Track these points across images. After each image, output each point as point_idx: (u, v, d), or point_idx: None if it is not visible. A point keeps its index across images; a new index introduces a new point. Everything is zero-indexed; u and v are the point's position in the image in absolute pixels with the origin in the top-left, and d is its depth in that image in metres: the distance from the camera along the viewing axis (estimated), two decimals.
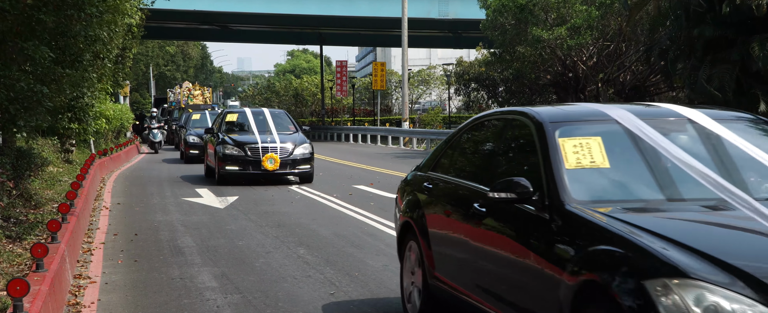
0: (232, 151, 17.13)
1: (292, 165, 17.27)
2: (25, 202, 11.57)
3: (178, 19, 47.03)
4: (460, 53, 61.86)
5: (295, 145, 17.45)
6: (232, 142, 17.30)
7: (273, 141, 17.29)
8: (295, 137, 17.86)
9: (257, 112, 18.75)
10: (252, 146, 17.17)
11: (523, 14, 28.21)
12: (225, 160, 17.12)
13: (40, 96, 9.47)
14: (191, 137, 23.59)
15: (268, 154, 16.94)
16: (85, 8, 9.88)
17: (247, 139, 17.42)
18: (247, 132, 17.96)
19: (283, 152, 17.20)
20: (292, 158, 17.31)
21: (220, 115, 19.49)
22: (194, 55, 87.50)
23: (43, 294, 5.74)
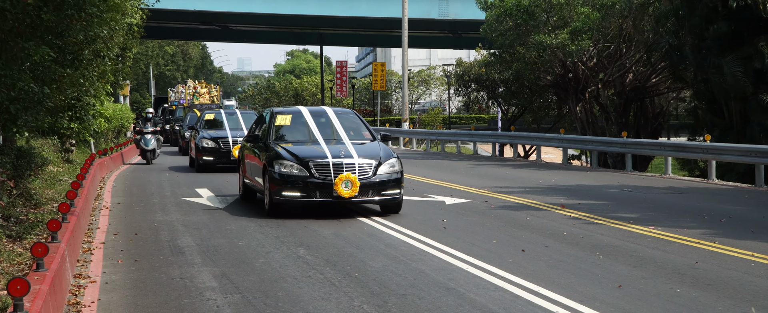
0: (292, 171, 12.08)
1: (376, 190, 12.23)
2: (25, 201, 11.58)
3: (178, 18, 47.03)
4: (460, 54, 61.83)
5: (379, 162, 12.39)
6: (292, 158, 12.23)
7: (348, 155, 12.28)
8: (375, 149, 12.81)
9: (318, 113, 13.83)
10: (319, 162, 12.15)
11: (524, 18, 28.20)
12: (282, 182, 12.07)
13: (41, 96, 9.48)
14: (205, 141, 21.29)
15: (342, 175, 11.95)
16: (86, 8, 9.89)
17: (312, 153, 12.38)
18: (308, 142, 13.03)
19: (363, 172, 12.22)
20: (375, 179, 12.24)
21: (264, 116, 14.28)
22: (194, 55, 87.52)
23: (43, 294, 5.74)
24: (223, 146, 20.88)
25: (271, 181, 12.13)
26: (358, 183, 11.90)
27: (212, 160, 21.00)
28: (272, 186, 12.11)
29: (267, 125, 13.52)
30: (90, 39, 10.63)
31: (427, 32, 52.55)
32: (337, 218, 12.14)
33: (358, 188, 11.89)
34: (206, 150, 21.08)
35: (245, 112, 23.52)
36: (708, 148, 19.14)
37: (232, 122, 22.17)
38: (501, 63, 32.80)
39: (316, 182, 11.97)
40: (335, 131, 13.30)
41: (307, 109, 13.86)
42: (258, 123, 14.44)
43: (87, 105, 14.45)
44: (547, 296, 7.15)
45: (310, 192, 11.98)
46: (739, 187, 17.52)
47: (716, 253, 9.17)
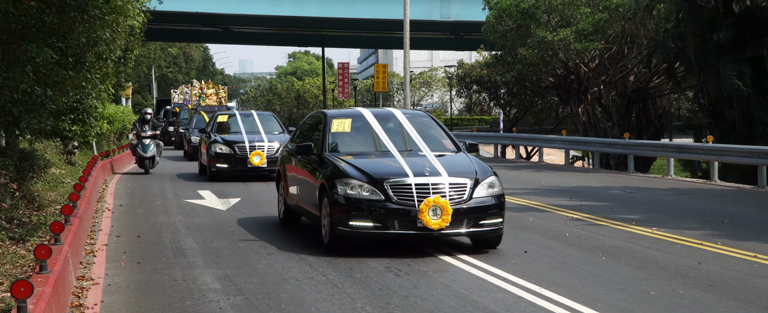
0: (362, 194, 9.09)
1: (472, 219, 9.21)
2: (28, 203, 11.59)
3: (180, 21, 47.09)
4: (462, 55, 61.85)
5: (475, 181, 9.37)
6: (361, 176, 9.20)
7: (434, 172, 9.27)
8: (466, 163, 9.81)
9: (384, 116, 10.83)
10: (398, 182, 9.15)
11: (525, 18, 28.20)
12: (349, 209, 9.10)
13: (44, 98, 9.49)
14: (219, 147, 18.80)
15: (428, 200, 8.96)
16: (89, 10, 9.91)
17: (386, 170, 9.39)
18: (375, 154, 10.10)
19: (456, 195, 9.18)
20: (472, 205, 9.22)
21: (315, 120, 11.21)
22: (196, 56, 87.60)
23: (46, 296, 5.75)
24: (239, 152, 18.61)
25: (334, 206, 9.13)
26: (451, 210, 8.90)
27: (227, 167, 18.60)
28: (335, 213, 9.12)
29: (321, 132, 10.42)
30: (92, 41, 10.65)
31: (428, 34, 52.56)
32: None
33: (450, 217, 8.89)
34: (220, 156, 18.63)
35: (263, 114, 21.35)
36: (710, 149, 19.13)
37: (249, 125, 19.86)
38: (503, 64, 32.80)
39: (394, 209, 8.95)
40: (409, 140, 10.29)
41: (370, 111, 10.86)
42: (308, 129, 11.30)
43: (89, 107, 14.47)
44: (550, 298, 7.15)
45: (387, 222, 8.97)
46: (742, 188, 17.51)
47: (719, 254, 9.17)
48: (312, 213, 10.09)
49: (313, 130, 11.02)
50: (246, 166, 18.48)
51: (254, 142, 18.73)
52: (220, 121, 20.67)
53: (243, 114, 20.92)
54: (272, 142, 18.81)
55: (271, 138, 19.05)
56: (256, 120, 20.10)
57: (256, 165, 18.36)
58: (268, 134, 19.30)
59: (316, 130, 10.79)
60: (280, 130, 20.21)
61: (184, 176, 20.58)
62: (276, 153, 18.21)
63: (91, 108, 14.66)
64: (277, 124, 20.64)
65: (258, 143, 18.68)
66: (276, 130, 20.11)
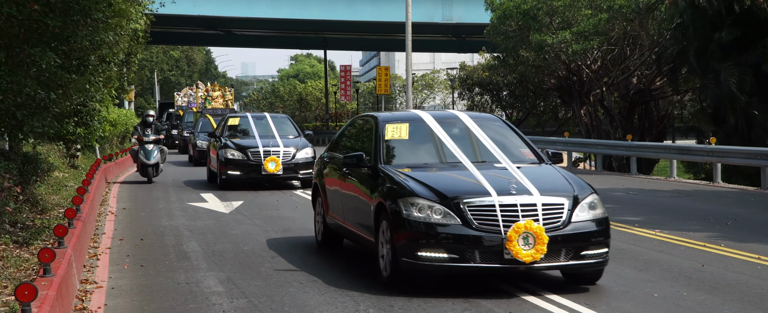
0: (433, 217, 7.38)
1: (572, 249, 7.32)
2: (31, 207, 11.61)
3: (182, 24, 47.10)
4: (464, 57, 61.86)
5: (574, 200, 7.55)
6: (429, 194, 7.50)
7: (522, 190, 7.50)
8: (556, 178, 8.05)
9: (447, 120, 9.10)
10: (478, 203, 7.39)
11: (526, 20, 28.22)
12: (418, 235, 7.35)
13: (47, 102, 9.51)
14: (231, 152, 17.40)
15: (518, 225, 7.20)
16: (92, 13, 9.93)
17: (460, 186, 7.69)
18: (440, 166, 8.46)
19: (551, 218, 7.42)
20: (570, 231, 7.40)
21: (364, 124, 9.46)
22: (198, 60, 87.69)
23: (50, 299, 5.76)
24: (252, 158, 17.16)
25: (397, 230, 7.34)
26: (546, 238, 7.07)
27: (239, 174, 17.14)
28: (399, 240, 7.33)
29: (373, 140, 8.63)
30: (96, 45, 10.67)
31: (430, 36, 52.56)
32: None
33: (546, 246, 7.06)
34: (232, 163, 17.14)
35: (277, 117, 19.55)
36: (713, 150, 19.13)
37: (262, 129, 18.40)
38: (505, 66, 32.82)
39: (475, 237, 7.14)
40: (481, 148, 8.50)
41: (429, 114, 8.98)
42: (353, 137, 9.55)
43: (93, 110, 14.49)
44: (554, 300, 7.14)
45: (466, 253, 7.13)
46: (745, 190, 17.49)
47: (722, 256, 9.16)
48: (363, 238, 8.33)
49: (360, 138, 9.24)
50: (260, 173, 17.12)
51: (269, 147, 17.28)
52: (231, 125, 18.98)
53: (255, 117, 19.27)
54: (288, 147, 17.47)
55: (287, 143, 17.71)
56: (270, 123, 18.61)
57: (270, 172, 17.03)
58: (284, 138, 17.97)
59: (364, 138, 9.01)
60: (296, 134, 18.76)
61: (188, 180, 20.56)
62: (292, 159, 17.26)
63: (95, 111, 14.68)
64: (292, 127, 19.14)
65: (273, 148, 17.26)
66: (291, 134, 18.65)
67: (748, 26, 20.72)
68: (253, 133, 18.14)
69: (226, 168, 17.23)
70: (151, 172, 18.81)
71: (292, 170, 17.27)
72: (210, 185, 18.67)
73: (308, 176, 16.91)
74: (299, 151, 17.47)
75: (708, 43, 21.69)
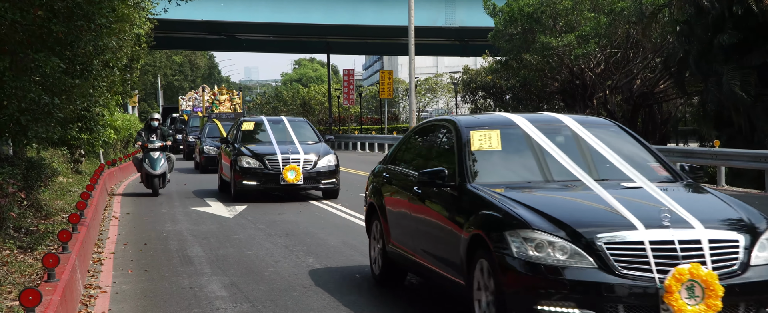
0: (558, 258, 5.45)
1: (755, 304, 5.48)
2: (35, 212, 11.63)
3: (185, 29, 47.22)
4: (467, 61, 61.90)
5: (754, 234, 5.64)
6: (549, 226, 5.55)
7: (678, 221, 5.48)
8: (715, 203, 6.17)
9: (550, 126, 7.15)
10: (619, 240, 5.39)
11: (530, 23, 28.24)
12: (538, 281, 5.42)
13: (51, 107, 9.53)
14: (246, 160, 15.91)
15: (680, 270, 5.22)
16: (95, 19, 9.96)
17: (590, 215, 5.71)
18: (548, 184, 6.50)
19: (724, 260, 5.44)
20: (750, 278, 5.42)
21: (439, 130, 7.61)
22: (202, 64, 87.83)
23: (55, 304, 5.77)
24: (270, 167, 15.70)
25: (504, 274, 5.47)
26: (721, 289, 5.16)
27: (256, 185, 15.68)
28: (509, 286, 5.45)
29: (455, 151, 6.78)
30: (99, 50, 10.69)
31: (433, 40, 52.60)
32: (346, 227, 12.15)
33: (721, 301, 5.16)
34: (247, 172, 15.67)
35: (295, 121, 18.06)
36: (717, 154, 19.11)
37: (279, 134, 16.95)
38: (508, 70, 32.84)
39: (620, 286, 5.21)
40: (600, 162, 6.59)
41: (526, 117, 7.09)
42: (426, 146, 7.74)
43: (96, 115, 14.52)
44: None
45: (606, 308, 5.21)
46: (749, 193, 17.46)
47: None
48: (445, 278, 6.41)
49: (435, 148, 7.49)
50: (278, 183, 15.59)
51: (288, 154, 15.81)
52: (245, 130, 17.40)
53: (272, 121, 17.66)
54: (309, 154, 16.01)
55: (307, 149, 16.26)
56: (288, 128, 17.16)
57: (290, 182, 15.54)
58: (303, 144, 16.53)
59: (442, 148, 7.24)
60: (316, 140, 17.31)
61: (196, 189, 20.54)
62: (313, 167, 15.83)
63: (98, 116, 14.70)
64: (312, 132, 17.70)
65: (292, 156, 15.81)
66: (311, 140, 17.25)
67: (750, 29, 20.72)
68: (270, 139, 16.60)
69: (241, 177, 15.75)
70: (157, 183, 16.94)
71: (314, 179, 15.81)
72: (215, 190, 18.66)
73: (331, 186, 15.85)
74: (321, 159, 16.04)
75: (710, 47, 21.69)
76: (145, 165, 16.84)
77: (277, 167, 15.68)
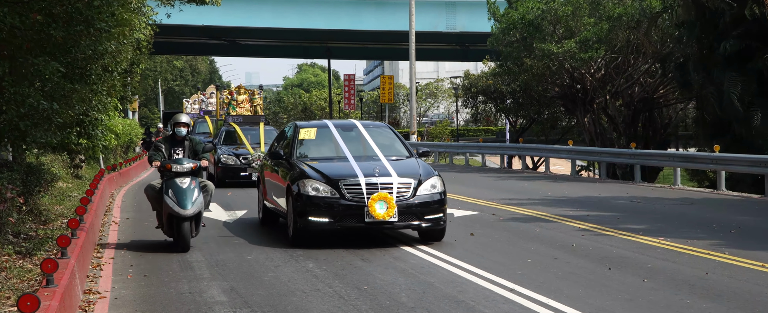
0: None
1: None
2: (35, 217, 11.62)
3: (186, 34, 47.24)
4: (468, 66, 61.94)
5: None
6: None
7: None
8: None
9: None
10: None
11: (530, 31, 28.25)
12: None
13: (50, 112, 9.53)
14: (312, 185, 10.66)
15: None
16: (95, 23, 9.95)
17: None
18: None
19: None
20: None
21: None
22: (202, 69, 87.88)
23: (53, 310, 5.76)
24: (349, 196, 10.49)
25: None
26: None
27: (327, 222, 10.50)
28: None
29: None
30: (99, 54, 10.69)
31: (434, 45, 52.63)
32: (346, 231, 12.12)
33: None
34: (315, 203, 10.52)
35: (371, 126, 12.68)
36: (717, 158, 19.09)
37: (354, 145, 11.74)
38: (508, 75, 32.84)
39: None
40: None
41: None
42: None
43: (96, 120, 14.51)
44: (557, 309, 7.13)
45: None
46: (749, 198, 17.45)
47: (726, 264, 9.13)
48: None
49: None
50: (362, 220, 10.38)
51: (373, 176, 10.60)
52: (303, 139, 11.98)
53: (340, 126, 12.29)
54: (404, 176, 10.68)
55: (400, 168, 10.94)
56: (365, 136, 11.91)
57: (379, 218, 10.31)
58: (392, 161, 11.26)
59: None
60: (406, 153, 11.76)
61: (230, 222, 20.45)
62: (412, 196, 10.54)
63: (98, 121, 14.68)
64: (398, 142, 12.05)
65: (381, 179, 10.56)
66: (399, 153, 11.76)
67: (754, 36, 20.71)
68: (344, 153, 11.45)
69: (307, 211, 10.47)
70: (186, 230, 10.40)
71: (413, 214, 10.51)
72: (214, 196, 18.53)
73: (436, 224, 10.62)
74: (423, 183, 10.69)
75: (711, 52, 21.69)
76: (168, 200, 10.24)
77: (359, 195, 10.42)
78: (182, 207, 10.23)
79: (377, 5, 44.14)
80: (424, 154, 12.07)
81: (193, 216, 10.31)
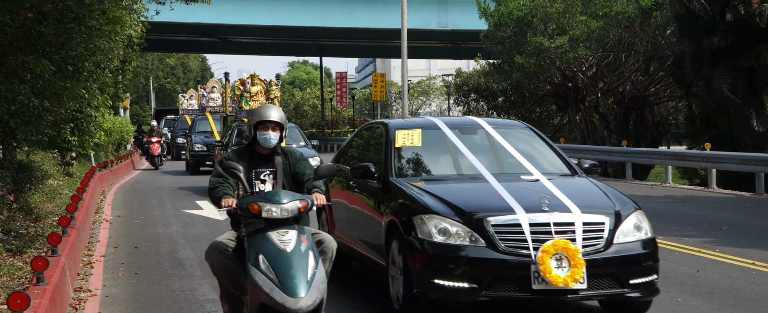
0: None
1: None
2: (25, 215, 11.58)
3: (178, 31, 47.12)
4: (460, 64, 61.98)
5: None
6: None
7: None
8: None
9: None
10: None
11: (521, 27, 28.27)
12: None
13: (41, 109, 9.49)
14: (437, 226, 6.30)
15: None
16: (86, 21, 9.91)
17: None
18: None
19: None
20: None
21: None
22: (194, 67, 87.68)
23: (43, 308, 5.74)
24: (504, 246, 6.15)
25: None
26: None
27: (468, 288, 6.12)
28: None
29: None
30: (90, 51, 10.65)
31: (426, 43, 52.65)
32: None
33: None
34: (444, 255, 6.18)
35: (502, 126, 8.20)
36: (708, 156, 19.16)
37: (486, 158, 7.52)
38: (500, 73, 32.87)
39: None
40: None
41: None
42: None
43: (88, 116, 14.46)
44: None
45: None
46: (740, 195, 17.51)
47: (717, 261, 9.16)
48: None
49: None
50: (528, 286, 6.10)
51: (539, 210, 6.31)
52: (402, 147, 7.65)
53: (455, 126, 7.98)
54: (591, 211, 6.44)
55: (577, 195, 6.66)
56: (499, 141, 7.74)
57: (558, 284, 6.05)
58: (556, 182, 6.99)
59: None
60: (569, 169, 7.61)
61: (181, 182, 20.47)
62: (606, 247, 6.31)
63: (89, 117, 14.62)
64: (550, 150, 7.87)
65: (555, 215, 6.28)
66: (556, 170, 7.59)
67: (741, 34, 20.79)
68: (475, 169, 7.29)
69: (430, 269, 6.27)
70: None
71: (611, 276, 6.34)
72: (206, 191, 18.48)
73: (648, 293, 6.49)
74: (622, 223, 6.52)
75: (700, 49, 21.77)
76: (259, 278, 5.14)
77: (520, 244, 6.22)
78: (291, 293, 5.03)
79: (369, 3, 44.12)
80: (591, 170, 7.54)
81: (313, 310, 5.12)
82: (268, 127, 5.74)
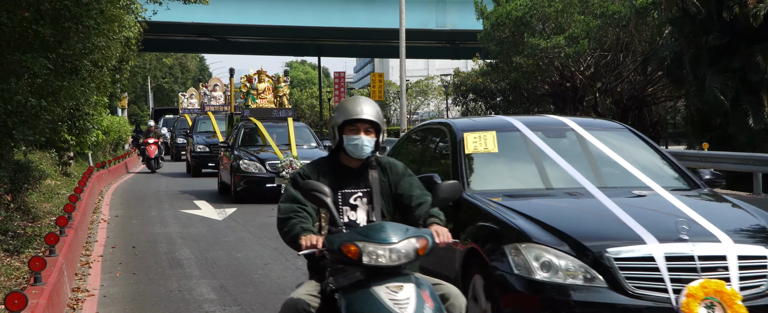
0: None
1: None
2: (23, 215, 11.56)
3: (176, 31, 47.10)
4: (458, 64, 62.01)
5: None
6: None
7: None
8: None
9: None
10: None
11: (519, 27, 28.30)
12: None
13: (38, 109, 9.48)
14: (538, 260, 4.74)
15: None
16: (83, 20, 9.89)
17: None
18: None
19: None
20: None
21: None
22: (192, 67, 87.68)
23: (41, 308, 5.72)
24: (632, 286, 4.52)
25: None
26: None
27: None
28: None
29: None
30: (88, 49, 10.63)
31: (424, 42, 52.65)
32: None
33: None
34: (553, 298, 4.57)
35: (591, 125, 6.55)
36: (705, 156, 19.17)
37: (582, 166, 5.85)
38: (498, 72, 32.89)
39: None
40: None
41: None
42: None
43: (86, 115, 14.43)
44: None
45: None
46: (738, 195, 17.52)
47: None
48: None
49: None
50: None
51: (677, 239, 4.61)
52: (473, 153, 6.12)
53: (537, 127, 6.34)
54: (745, 239, 4.82)
55: (719, 217, 5.02)
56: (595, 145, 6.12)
57: None
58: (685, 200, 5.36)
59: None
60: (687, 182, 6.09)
61: (180, 185, 20.46)
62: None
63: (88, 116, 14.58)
64: (659, 158, 6.39)
65: (699, 246, 4.61)
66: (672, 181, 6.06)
67: (736, 34, 20.84)
68: (574, 180, 5.66)
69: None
70: None
71: None
72: (204, 192, 18.52)
73: None
74: None
75: (697, 49, 21.83)
76: None
77: (656, 285, 4.56)
78: None
79: (367, 3, 44.13)
80: (713, 181, 6.14)
81: None
82: (360, 128, 4.05)
